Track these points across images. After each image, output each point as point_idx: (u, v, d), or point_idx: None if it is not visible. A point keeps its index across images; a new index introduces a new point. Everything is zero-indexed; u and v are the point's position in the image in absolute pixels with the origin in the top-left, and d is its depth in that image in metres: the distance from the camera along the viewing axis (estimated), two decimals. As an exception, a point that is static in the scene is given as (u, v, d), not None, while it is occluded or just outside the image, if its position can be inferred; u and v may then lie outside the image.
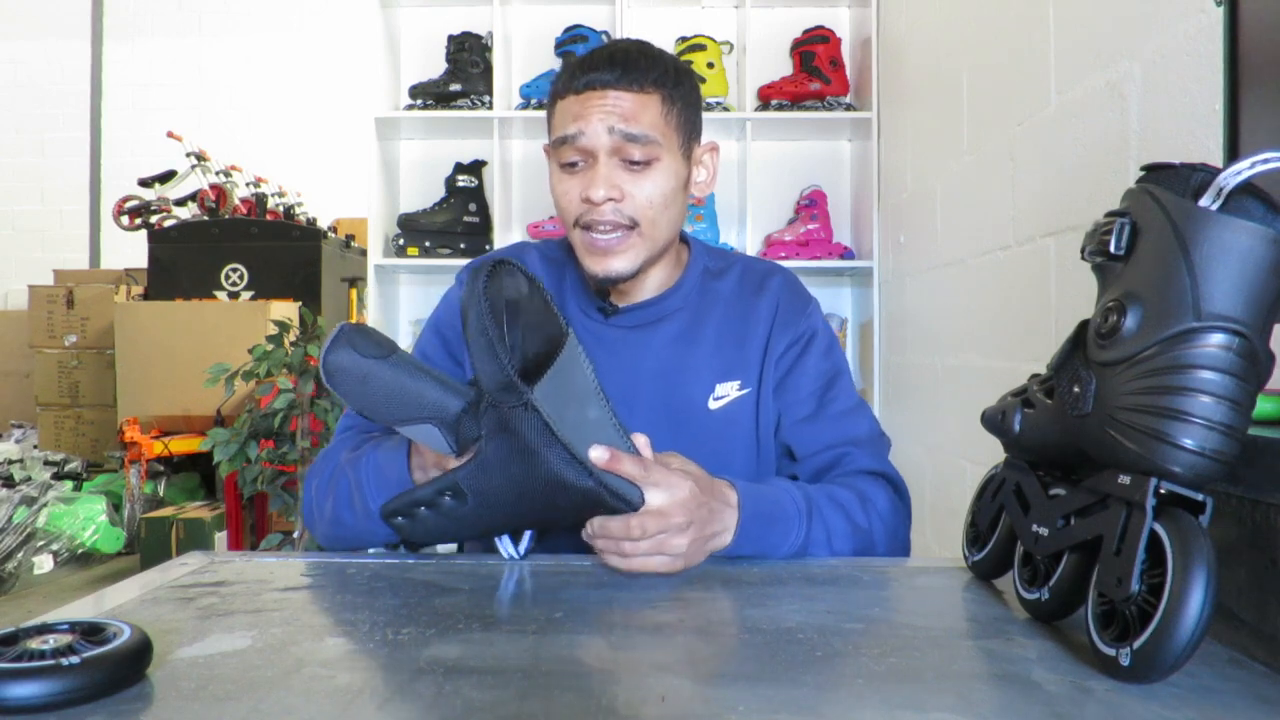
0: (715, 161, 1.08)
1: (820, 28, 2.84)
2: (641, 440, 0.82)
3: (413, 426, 0.77)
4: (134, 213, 4.77)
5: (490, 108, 2.84)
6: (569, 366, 0.78)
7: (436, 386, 0.76)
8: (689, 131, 1.02)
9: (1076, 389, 0.59)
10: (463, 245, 2.87)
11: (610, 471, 0.77)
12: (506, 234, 2.87)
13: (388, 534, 0.89)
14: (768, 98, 2.80)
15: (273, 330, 3.12)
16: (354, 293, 4.31)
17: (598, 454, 0.76)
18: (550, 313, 0.80)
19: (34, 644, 0.52)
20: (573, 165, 0.98)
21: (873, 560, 0.88)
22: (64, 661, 0.49)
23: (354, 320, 4.21)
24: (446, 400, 0.76)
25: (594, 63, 0.97)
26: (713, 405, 1.04)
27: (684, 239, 1.12)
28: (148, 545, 3.47)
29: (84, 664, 0.50)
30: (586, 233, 0.98)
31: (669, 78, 0.99)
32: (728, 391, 1.04)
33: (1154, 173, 0.57)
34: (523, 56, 3.00)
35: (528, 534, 0.86)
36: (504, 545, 0.86)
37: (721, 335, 1.06)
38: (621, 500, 0.77)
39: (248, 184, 4.75)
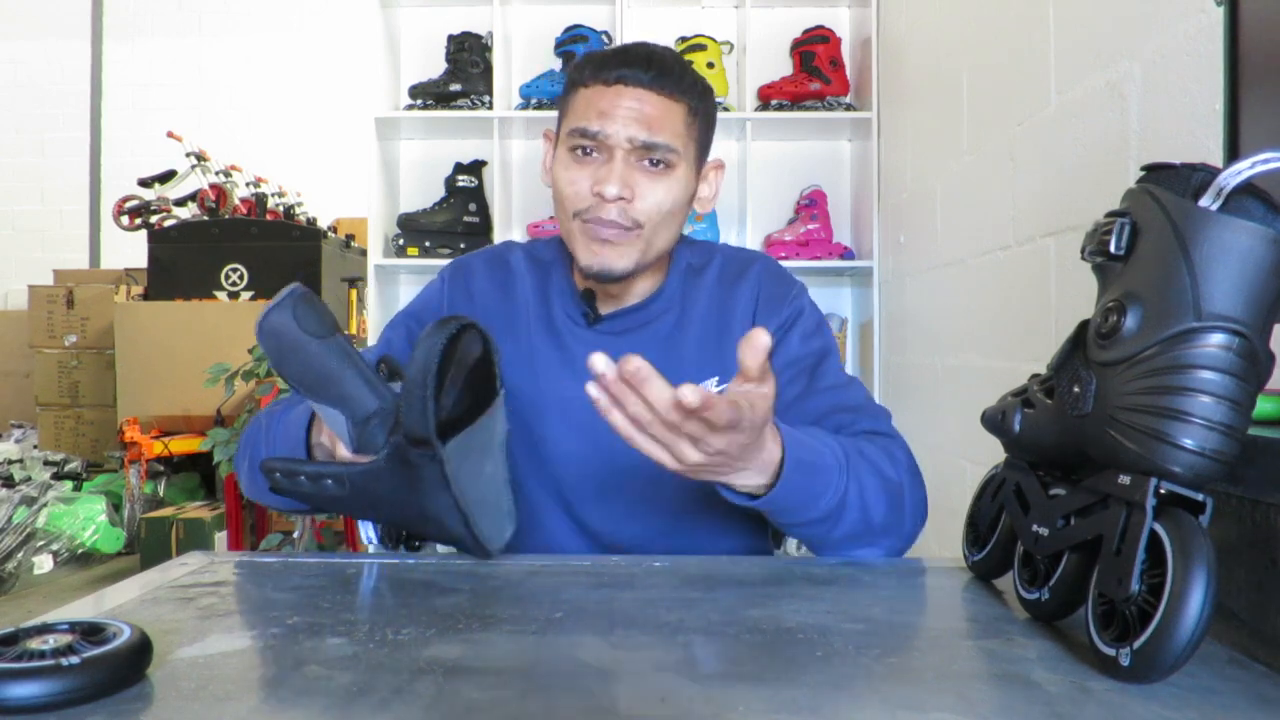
0: (719, 180, 1.08)
1: (820, 28, 2.84)
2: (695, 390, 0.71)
3: (323, 406, 0.78)
4: (134, 213, 4.77)
5: (490, 108, 2.84)
6: (486, 424, 0.84)
7: (358, 382, 0.76)
8: (703, 147, 1.02)
9: (1076, 389, 0.59)
10: (463, 245, 2.87)
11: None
12: (506, 234, 2.87)
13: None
14: (768, 98, 2.80)
15: (273, 330, 3.12)
16: (354, 293, 4.31)
17: (691, 396, 0.65)
18: (492, 376, 0.85)
19: (34, 644, 0.52)
20: (585, 153, 0.97)
21: (872, 560, 0.88)
22: (64, 661, 0.49)
23: (354, 321, 4.22)
24: (363, 399, 0.76)
25: (629, 58, 0.96)
26: None
27: None
28: (148, 545, 3.47)
29: (84, 664, 0.50)
30: (588, 225, 0.97)
31: (697, 90, 0.99)
32: (710, 388, 1.04)
33: (1154, 173, 0.57)
34: (523, 56, 3.00)
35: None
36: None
37: (704, 332, 1.05)
38: (480, 548, 0.82)
39: (248, 184, 4.75)
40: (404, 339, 1.11)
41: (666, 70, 0.96)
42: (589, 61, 0.98)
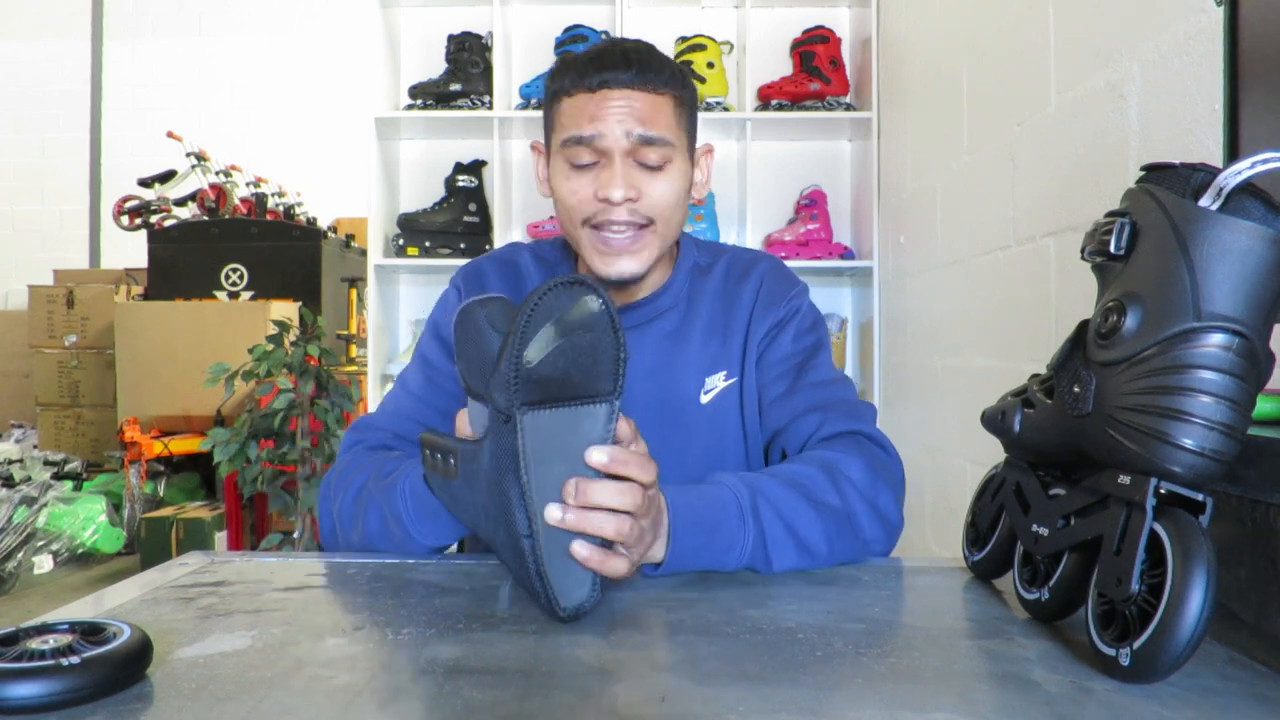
0: (710, 163, 1.08)
1: (820, 28, 2.84)
2: (626, 428, 0.72)
3: (477, 403, 0.74)
4: (134, 213, 4.78)
5: (490, 108, 2.84)
6: (584, 424, 0.69)
7: None
8: (692, 134, 1.02)
9: (1076, 389, 0.59)
10: (462, 245, 2.87)
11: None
12: (506, 234, 2.87)
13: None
14: (768, 98, 2.80)
15: (273, 330, 3.12)
16: (354, 293, 4.32)
17: (598, 455, 0.67)
18: (611, 370, 0.69)
19: (34, 644, 0.52)
20: (584, 165, 0.96)
21: (873, 560, 0.88)
22: (64, 661, 0.49)
23: (354, 321, 4.22)
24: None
25: (607, 60, 0.95)
26: (704, 399, 1.04)
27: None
28: (148, 545, 3.47)
29: (84, 664, 0.50)
30: (597, 232, 0.97)
31: (678, 79, 0.99)
32: (715, 384, 1.04)
33: (1154, 173, 0.57)
34: (523, 56, 3.00)
35: None
36: None
37: (709, 328, 1.06)
38: (545, 588, 0.67)
39: (248, 184, 4.75)
40: (442, 355, 1.06)
41: (646, 65, 0.95)
42: (567, 70, 0.97)
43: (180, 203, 4.80)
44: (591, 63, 0.95)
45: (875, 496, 0.88)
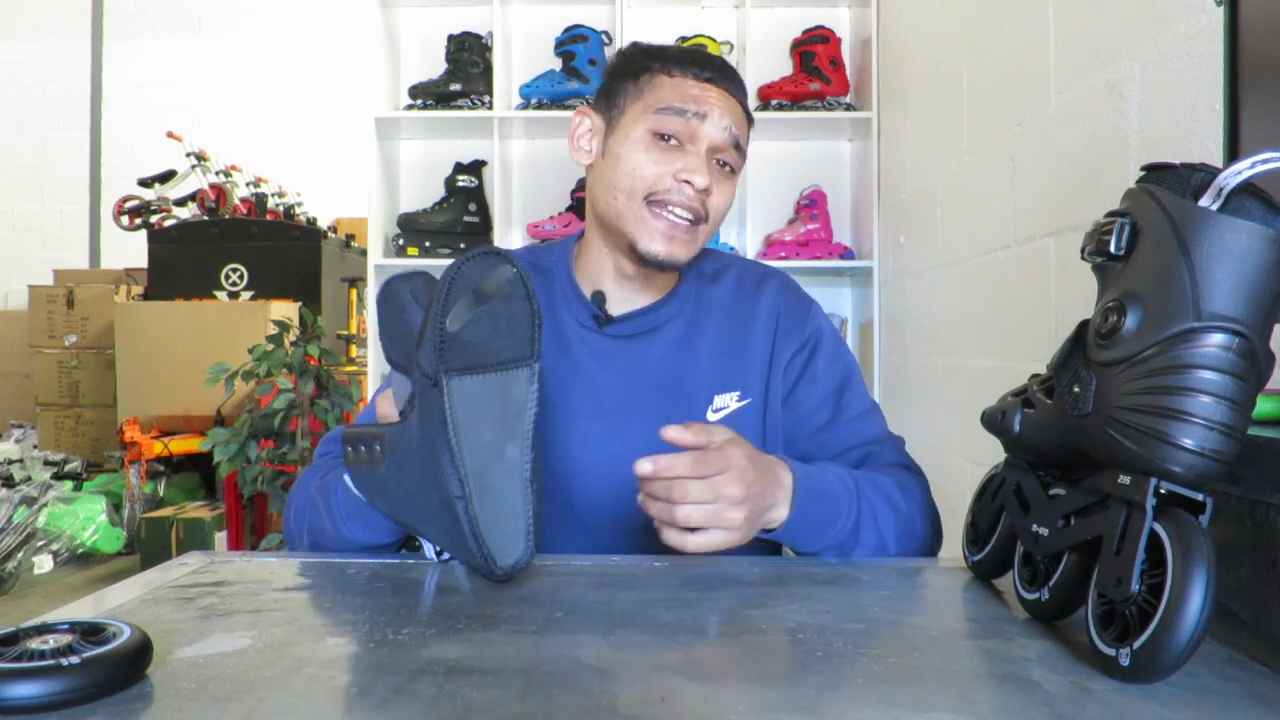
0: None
1: (820, 28, 2.84)
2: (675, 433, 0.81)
3: (400, 376, 0.76)
4: (134, 213, 4.78)
5: (490, 108, 2.84)
6: (510, 389, 0.70)
7: None
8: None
9: (1076, 389, 0.59)
10: (462, 245, 2.87)
11: (675, 441, 0.79)
12: (507, 234, 2.87)
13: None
14: (768, 98, 2.80)
15: (273, 330, 3.13)
16: (354, 293, 4.32)
17: (674, 432, 0.80)
18: (527, 336, 0.71)
19: (34, 644, 0.52)
20: (666, 139, 0.97)
21: (872, 560, 0.88)
22: (64, 661, 0.49)
23: (354, 320, 4.22)
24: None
25: (711, 60, 1.00)
26: (711, 416, 1.02)
27: None
28: (148, 545, 3.47)
29: (84, 664, 0.50)
30: (660, 209, 0.97)
31: (746, 100, 1.04)
32: (727, 403, 1.03)
33: (1154, 173, 0.57)
34: (523, 56, 3.00)
35: None
36: (427, 547, 0.84)
37: (719, 344, 1.05)
38: (481, 548, 0.69)
39: (248, 184, 4.75)
40: None
41: (736, 80, 1.02)
42: (667, 54, 1.00)
43: (180, 203, 4.80)
44: (696, 56, 1.00)
45: (934, 518, 0.97)
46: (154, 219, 4.73)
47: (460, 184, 2.92)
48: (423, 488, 0.73)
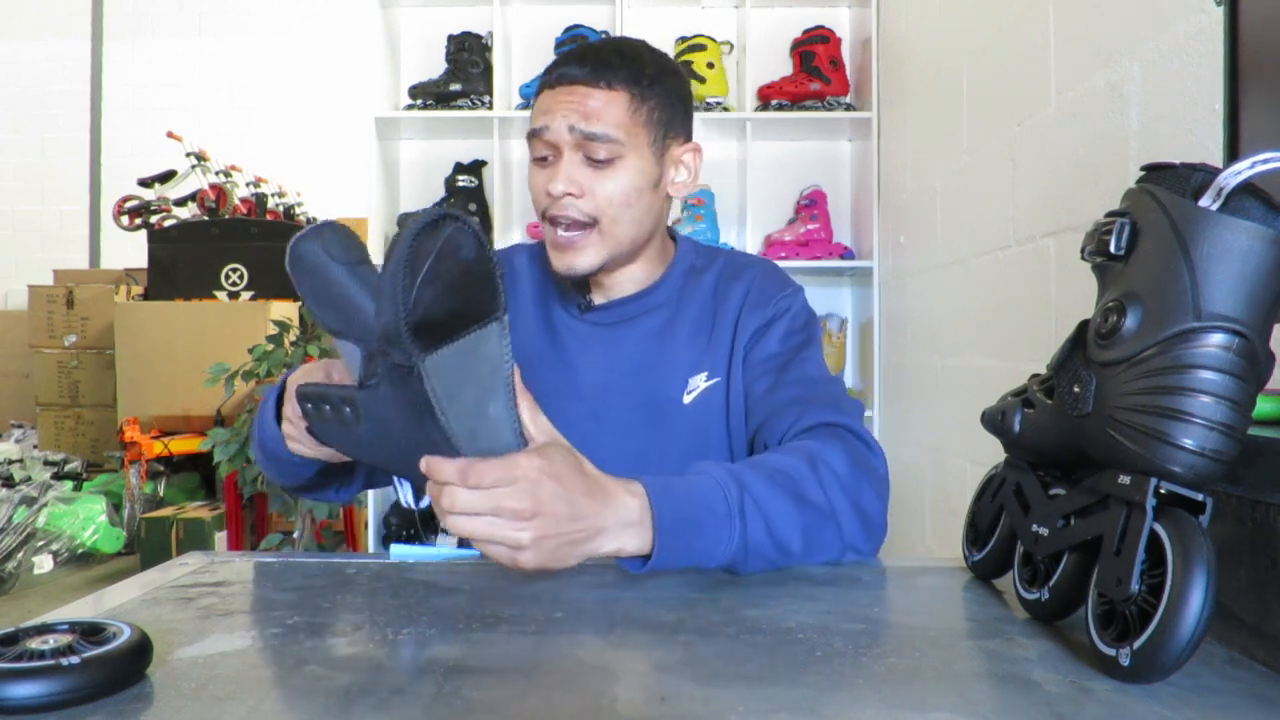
0: (697, 162, 1.06)
1: (820, 28, 2.84)
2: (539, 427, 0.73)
3: (342, 341, 0.74)
4: (134, 213, 4.77)
5: (490, 108, 2.84)
6: (482, 349, 0.69)
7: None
8: (663, 130, 1.01)
9: (1077, 389, 0.59)
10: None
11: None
12: (507, 234, 2.87)
13: (298, 469, 0.91)
14: (768, 98, 2.80)
15: (273, 330, 3.12)
16: (354, 293, 4.30)
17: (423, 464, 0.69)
18: (490, 288, 0.70)
19: (34, 644, 0.52)
20: (543, 159, 0.99)
21: (872, 560, 0.88)
22: (64, 661, 0.49)
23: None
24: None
25: (568, 57, 0.99)
26: (686, 399, 1.03)
27: (673, 237, 1.12)
28: (148, 545, 3.47)
29: (84, 664, 0.50)
30: (552, 227, 0.99)
31: (642, 76, 0.98)
32: (698, 384, 1.04)
33: (1154, 173, 0.57)
34: (523, 56, 3.00)
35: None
36: (403, 493, 0.83)
37: (696, 329, 1.06)
38: None
39: (248, 184, 4.74)
40: None
41: (602, 63, 0.97)
42: (547, 73, 1.01)
43: (180, 203, 4.79)
44: (560, 59, 1.00)
45: (858, 493, 0.84)
46: (154, 219, 4.72)
47: (460, 184, 2.92)
48: (413, 448, 0.71)
